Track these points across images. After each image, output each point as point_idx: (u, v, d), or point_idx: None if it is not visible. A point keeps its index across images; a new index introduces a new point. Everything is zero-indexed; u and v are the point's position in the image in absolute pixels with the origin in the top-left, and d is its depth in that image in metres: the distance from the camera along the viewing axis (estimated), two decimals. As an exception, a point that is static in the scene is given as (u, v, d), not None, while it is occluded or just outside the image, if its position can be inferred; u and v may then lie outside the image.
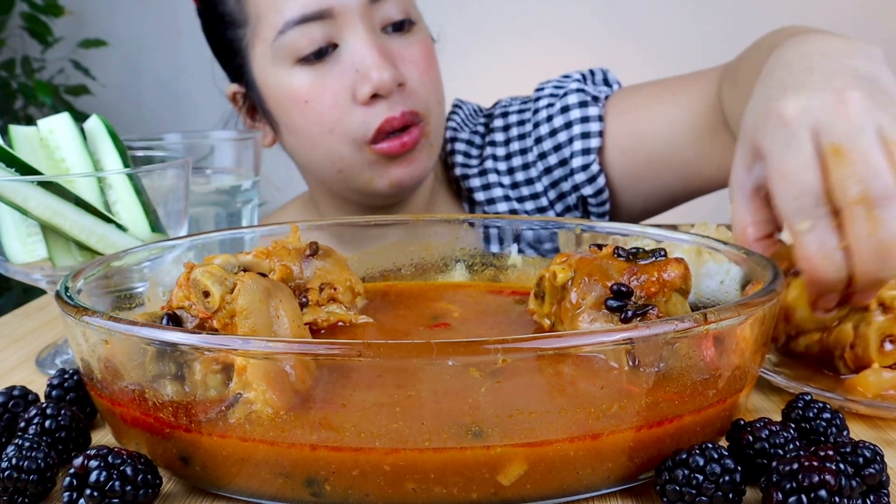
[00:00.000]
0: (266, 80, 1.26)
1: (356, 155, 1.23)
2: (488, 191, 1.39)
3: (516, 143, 1.38)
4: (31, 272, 0.85)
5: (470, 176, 1.40)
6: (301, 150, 1.29)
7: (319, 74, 1.21)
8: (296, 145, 1.29)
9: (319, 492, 0.55)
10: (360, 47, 1.20)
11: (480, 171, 1.39)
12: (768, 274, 0.66)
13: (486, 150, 1.40)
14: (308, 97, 1.22)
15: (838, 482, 0.51)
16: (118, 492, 0.55)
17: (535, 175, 1.36)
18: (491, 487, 0.55)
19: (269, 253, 0.79)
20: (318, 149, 1.25)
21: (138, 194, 0.86)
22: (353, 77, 1.20)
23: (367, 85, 1.19)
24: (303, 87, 1.22)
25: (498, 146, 1.39)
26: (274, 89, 1.25)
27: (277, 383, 0.55)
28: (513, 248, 0.93)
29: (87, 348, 0.61)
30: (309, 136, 1.25)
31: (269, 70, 1.25)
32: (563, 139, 1.32)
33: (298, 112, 1.24)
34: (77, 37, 3.16)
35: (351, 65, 1.20)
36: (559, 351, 0.54)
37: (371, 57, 1.19)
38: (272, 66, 1.24)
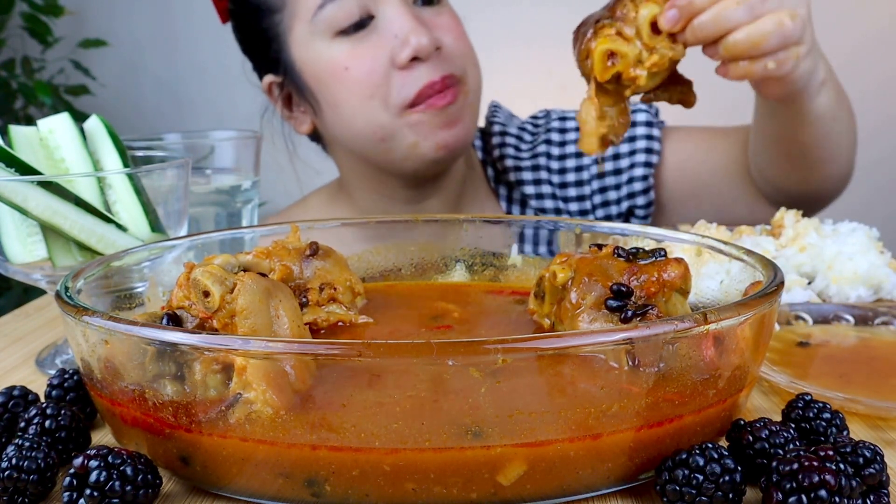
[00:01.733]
0: (305, 56, 1.30)
1: (398, 120, 1.27)
2: (539, 186, 1.44)
3: (572, 147, 1.43)
4: (31, 272, 0.85)
5: (522, 169, 1.45)
6: (342, 124, 1.32)
7: (358, 42, 1.26)
8: (336, 120, 1.32)
9: (320, 492, 0.55)
10: (397, 15, 1.25)
11: (533, 165, 1.45)
12: (768, 274, 0.66)
13: (541, 148, 1.45)
14: (348, 64, 1.27)
15: (838, 482, 0.51)
16: (118, 492, 0.55)
17: (586, 178, 1.43)
18: (491, 487, 0.55)
19: (269, 253, 0.78)
20: (358, 118, 1.29)
21: (138, 194, 0.86)
22: (392, 43, 1.25)
23: (406, 49, 1.24)
24: (342, 56, 1.27)
25: (553, 145, 1.45)
26: (314, 64, 1.30)
27: (277, 383, 0.55)
28: (513, 247, 0.93)
29: (87, 348, 0.61)
30: (349, 106, 1.29)
31: (308, 46, 1.29)
32: (625, 150, 1.40)
33: (338, 82, 1.28)
34: (77, 37, 3.16)
35: (389, 32, 1.25)
36: (559, 351, 0.54)
37: (408, 23, 1.25)
38: (311, 41, 1.29)
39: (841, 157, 1.25)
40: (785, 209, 1.06)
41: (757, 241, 1.01)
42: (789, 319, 0.87)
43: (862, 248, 0.98)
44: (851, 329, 0.86)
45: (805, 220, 1.04)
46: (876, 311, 0.87)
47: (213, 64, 3.19)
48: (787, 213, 1.05)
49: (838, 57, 2.89)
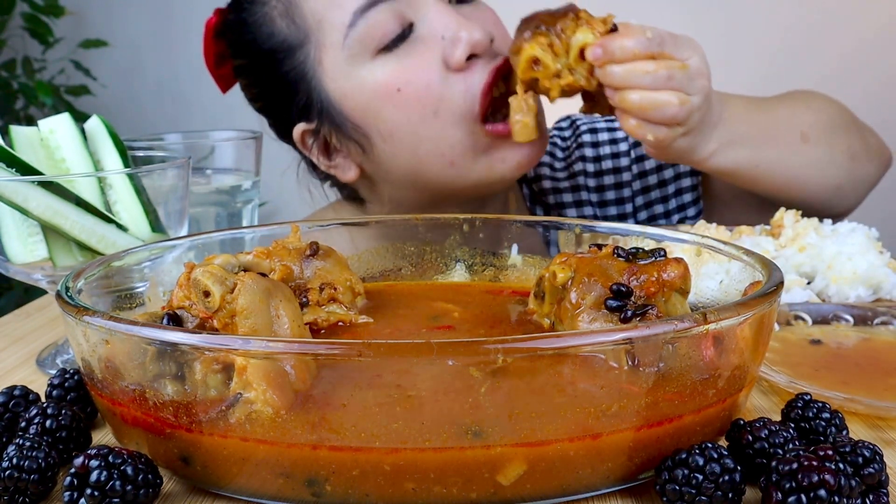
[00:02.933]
0: (345, 87, 1.16)
1: (468, 139, 1.14)
2: (580, 208, 1.37)
3: (609, 162, 1.37)
4: (32, 272, 0.85)
5: (562, 190, 1.37)
6: (401, 158, 1.18)
7: (404, 56, 1.13)
8: (396, 152, 1.18)
9: (320, 492, 0.55)
10: (439, 16, 1.13)
11: (572, 186, 1.38)
12: (768, 274, 0.66)
13: (577, 166, 1.38)
14: (400, 83, 1.13)
15: (838, 482, 0.51)
16: (119, 491, 0.55)
17: (627, 195, 1.37)
18: (491, 487, 0.55)
19: (270, 253, 0.78)
20: (423, 142, 1.15)
21: (139, 194, 0.86)
22: (442, 45, 1.13)
23: (459, 46, 1.11)
24: (391, 76, 1.13)
25: (588, 161, 1.38)
26: (356, 94, 1.15)
27: (278, 383, 0.55)
28: (513, 248, 0.93)
29: (88, 348, 0.61)
30: (410, 131, 1.15)
31: (346, 75, 1.15)
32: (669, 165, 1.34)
33: (392, 106, 1.14)
34: (78, 37, 3.16)
35: (435, 35, 1.13)
36: (559, 351, 0.54)
37: (454, 20, 1.13)
38: (349, 67, 1.15)
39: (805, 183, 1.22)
40: (784, 209, 1.06)
41: (756, 240, 1.01)
42: (789, 319, 0.87)
43: (861, 248, 0.98)
44: (851, 329, 0.86)
45: (804, 220, 1.04)
46: (875, 311, 0.87)
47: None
48: (786, 213, 1.05)
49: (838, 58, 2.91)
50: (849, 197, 1.28)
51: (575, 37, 1.01)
